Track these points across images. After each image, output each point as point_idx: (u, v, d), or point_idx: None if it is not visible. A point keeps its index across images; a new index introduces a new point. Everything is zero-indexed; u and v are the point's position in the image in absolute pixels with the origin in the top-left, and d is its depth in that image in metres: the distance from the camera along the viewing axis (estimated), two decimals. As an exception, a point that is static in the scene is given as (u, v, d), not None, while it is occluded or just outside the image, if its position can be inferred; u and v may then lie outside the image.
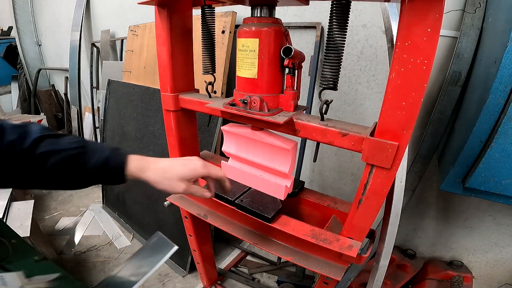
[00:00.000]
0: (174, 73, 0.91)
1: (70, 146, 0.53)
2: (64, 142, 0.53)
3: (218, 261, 1.83)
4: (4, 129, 0.49)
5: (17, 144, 0.49)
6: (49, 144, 0.51)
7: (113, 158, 0.56)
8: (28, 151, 0.49)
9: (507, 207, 1.27)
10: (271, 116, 0.73)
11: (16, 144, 0.49)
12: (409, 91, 0.55)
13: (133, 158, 0.58)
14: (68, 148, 0.52)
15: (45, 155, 0.50)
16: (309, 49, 1.45)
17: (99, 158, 0.54)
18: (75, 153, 0.52)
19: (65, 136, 0.54)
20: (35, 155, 0.50)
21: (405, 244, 1.62)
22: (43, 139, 0.51)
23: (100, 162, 0.54)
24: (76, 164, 0.53)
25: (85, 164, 0.53)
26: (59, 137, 0.53)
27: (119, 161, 0.56)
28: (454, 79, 1.15)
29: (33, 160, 0.50)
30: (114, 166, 0.56)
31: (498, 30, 0.91)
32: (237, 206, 0.89)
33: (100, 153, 0.55)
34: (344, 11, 0.62)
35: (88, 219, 2.26)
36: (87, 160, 0.53)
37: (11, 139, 0.49)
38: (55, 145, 0.52)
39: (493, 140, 0.85)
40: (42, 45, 3.69)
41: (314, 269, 0.82)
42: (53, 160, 0.51)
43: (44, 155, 0.50)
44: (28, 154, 0.49)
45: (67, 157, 0.52)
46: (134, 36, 2.04)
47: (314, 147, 1.03)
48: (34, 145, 0.50)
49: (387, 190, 0.66)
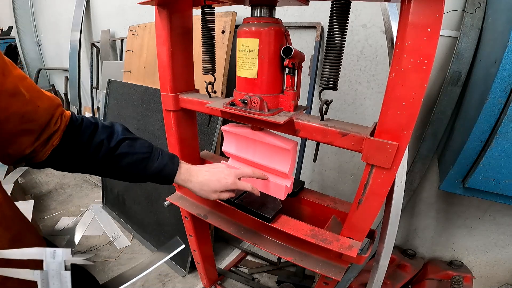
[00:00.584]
0: (174, 73, 0.91)
1: (141, 150, 0.65)
2: (138, 145, 0.65)
3: (218, 261, 1.83)
4: (98, 127, 0.62)
5: (105, 142, 0.61)
6: (127, 146, 0.63)
7: (169, 166, 0.68)
8: (112, 150, 0.61)
9: (507, 207, 1.27)
10: (271, 116, 0.73)
11: (105, 142, 0.61)
12: (409, 91, 0.55)
13: (182, 168, 0.71)
14: (139, 152, 0.65)
15: (122, 155, 0.63)
16: (309, 49, 1.45)
17: (159, 164, 0.67)
18: (143, 157, 0.65)
19: (139, 140, 0.67)
20: (116, 154, 0.62)
21: (405, 244, 1.62)
22: (124, 141, 0.63)
23: (160, 167, 0.67)
24: (142, 166, 0.65)
25: (148, 167, 0.66)
26: (135, 140, 0.66)
27: (173, 169, 0.69)
28: (454, 79, 1.15)
29: (113, 157, 0.62)
30: (168, 172, 0.68)
31: (498, 30, 0.91)
32: (237, 206, 0.89)
33: (160, 160, 0.67)
34: (344, 11, 0.62)
35: (88, 219, 2.26)
36: (151, 164, 0.66)
37: (102, 138, 0.61)
38: (131, 147, 0.64)
39: (493, 140, 0.85)
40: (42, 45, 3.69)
41: (314, 269, 0.82)
42: (127, 159, 0.63)
43: (122, 155, 0.63)
44: (112, 152, 0.62)
45: (137, 159, 0.64)
46: (134, 36, 2.04)
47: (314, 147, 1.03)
48: (117, 145, 0.62)
49: (387, 190, 0.66)
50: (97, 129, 0.61)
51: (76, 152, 0.59)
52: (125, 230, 2.13)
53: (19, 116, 0.49)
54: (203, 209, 1.06)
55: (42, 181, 2.84)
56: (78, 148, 0.59)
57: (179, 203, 1.10)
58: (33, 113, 0.51)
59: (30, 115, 0.50)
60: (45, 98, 0.54)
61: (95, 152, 0.60)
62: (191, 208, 1.07)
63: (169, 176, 0.68)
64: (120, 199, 2.16)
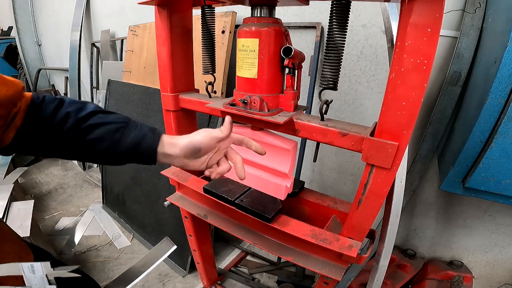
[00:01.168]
0: (174, 73, 0.91)
1: (115, 121, 0.57)
2: (112, 116, 0.58)
3: (218, 261, 1.83)
4: (63, 102, 0.56)
5: (72, 114, 0.54)
6: (99, 118, 0.56)
7: (149, 137, 0.58)
8: (80, 120, 0.55)
9: (507, 207, 1.27)
10: (271, 116, 0.73)
11: (72, 114, 0.54)
12: (409, 91, 0.55)
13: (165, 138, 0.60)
14: (113, 122, 0.57)
15: (93, 126, 0.55)
16: (309, 49, 1.45)
17: (137, 134, 0.57)
18: (117, 127, 0.57)
19: (114, 113, 0.60)
20: (85, 125, 0.55)
21: (405, 244, 1.62)
22: (96, 113, 0.56)
23: (138, 138, 0.57)
24: (116, 137, 0.56)
25: (124, 138, 0.57)
26: (110, 113, 0.59)
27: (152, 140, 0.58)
28: (454, 79, 1.15)
29: (82, 129, 0.55)
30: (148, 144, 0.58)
31: (498, 30, 0.91)
32: (237, 206, 0.89)
33: (139, 130, 0.58)
34: (344, 11, 0.62)
35: (88, 219, 2.26)
36: (126, 134, 0.57)
37: (69, 110, 0.55)
38: (103, 118, 0.57)
39: (493, 140, 0.85)
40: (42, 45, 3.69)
41: (314, 269, 0.82)
42: (98, 131, 0.55)
43: (92, 126, 0.55)
44: (80, 123, 0.55)
45: (110, 129, 0.56)
46: (134, 36, 2.04)
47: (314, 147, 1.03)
48: (87, 117, 0.55)
49: (387, 190, 0.66)
50: (63, 103, 0.56)
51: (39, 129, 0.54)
52: (125, 230, 2.13)
53: None
54: (203, 209, 1.06)
55: (42, 181, 2.84)
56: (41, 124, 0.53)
57: (179, 203, 1.10)
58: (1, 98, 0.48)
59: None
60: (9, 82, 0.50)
61: (59, 125, 0.54)
62: (191, 208, 1.07)
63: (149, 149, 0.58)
64: (120, 199, 2.16)
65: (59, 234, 2.11)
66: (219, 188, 0.94)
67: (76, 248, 1.98)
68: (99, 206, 2.40)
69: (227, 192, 0.92)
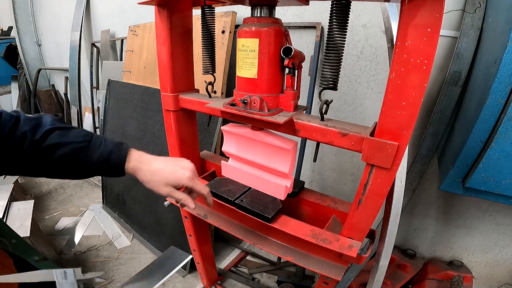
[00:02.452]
0: (174, 73, 0.91)
1: (76, 140, 0.56)
2: (72, 135, 0.56)
3: (218, 261, 1.83)
4: (19, 120, 0.53)
5: (29, 134, 0.53)
6: (58, 136, 0.55)
7: (115, 154, 0.59)
8: (38, 142, 0.53)
9: (507, 207, 1.27)
10: (271, 116, 0.73)
11: (29, 135, 0.52)
12: (409, 91, 0.55)
13: (132, 155, 0.62)
14: (74, 142, 0.55)
15: (53, 147, 0.54)
16: (309, 49, 1.45)
17: (103, 153, 0.58)
18: (80, 147, 0.56)
19: (73, 129, 0.58)
20: (44, 146, 0.53)
21: (405, 244, 1.62)
22: (53, 131, 0.55)
23: (103, 156, 0.58)
24: (81, 157, 0.56)
25: (89, 157, 0.57)
26: (68, 129, 0.57)
27: (120, 158, 0.60)
28: (454, 79, 1.15)
29: (41, 150, 0.53)
30: (115, 161, 0.59)
31: (498, 30, 0.91)
32: (237, 206, 0.89)
33: (103, 148, 0.58)
34: (344, 11, 0.62)
35: (88, 219, 2.26)
36: (91, 153, 0.57)
37: (25, 129, 0.53)
38: (63, 137, 0.55)
39: (493, 140, 0.85)
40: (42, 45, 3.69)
41: (314, 269, 0.82)
42: (60, 151, 0.54)
43: (52, 147, 0.54)
44: (38, 144, 0.53)
45: (73, 149, 0.55)
46: (134, 36, 2.04)
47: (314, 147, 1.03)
48: (44, 136, 0.54)
49: (387, 190, 0.66)
50: (19, 121, 0.53)
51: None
52: (125, 230, 2.13)
53: None
54: (203, 209, 1.06)
55: (42, 181, 2.84)
56: None
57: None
58: None
59: None
60: None
61: (18, 146, 0.52)
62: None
63: (117, 164, 0.59)
64: (120, 199, 2.16)
65: (59, 234, 2.10)
66: (219, 188, 0.94)
67: (76, 248, 1.97)
68: (99, 206, 2.40)
69: (227, 192, 0.92)
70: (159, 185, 0.62)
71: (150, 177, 0.62)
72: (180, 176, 0.63)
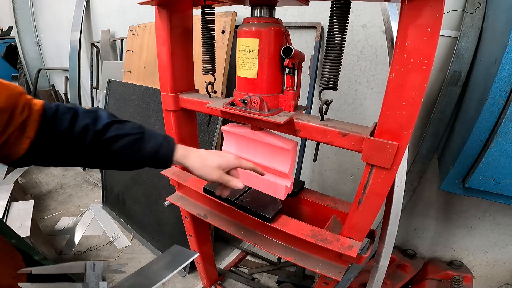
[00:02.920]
0: (174, 73, 0.91)
1: (132, 132, 0.59)
2: (128, 127, 0.60)
3: (218, 261, 1.83)
4: (78, 113, 0.55)
5: (90, 126, 0.55)
6: (116, 129, 0.58)
7: (165, 145, 0.63)
8: (99, 133, 0.55)
9: (507, 207, 1.27)
10: (271, 116, 0.73)
11: (90, 127, 0.55)
12: (409, 91, 0.55)
13: (179, 146, 0.66)
14: (131, 133, 0.59)
15: (112, 139, 0.57)
16: (309, 49, 1.45)
17: (154, 144, 0.61)
18: (136, 138, 0.59)
19: (128, 122, 0.61)
20: (105, 138, 0.56)
21: (405, 244, 1.62)
22: (112, 124, 0.58)
23: (155, 147, 0.61)
24: (135, 148, 0.59)
25: (142, 148, 0.60)
26: (124, 122, 0.61)
27: (169, 148, 0.64)
28: (454, 79, 1.15)
29: (102, 142, 0.56)
30: (165, 151, 0.63)
31: (498, 30, 0.91)
32: (237, 206, 0.89)
33: (155, 139, 0.62)
34: (344, 11, 0.62)
35: (88, 219, 2.26)
36: (144, 145, 0.60)
37: (86, 122, 0.54)
38: (121, 130, 0.58)
39: (493, 140, 0.85)
40: (42, 45, 3.69)
41: (314, 269, 0.82)
42: (118, 143, 0.57)
43: (112, 139, 0.57)
44: (99, 136, 0.55)
45: (129, 141, 0.58)
46: (134, 36, 2.04)
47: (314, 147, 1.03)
48: (105, 128, 0.56)
49: (387, 190, 0.66)
50: (78, 114, 0.55)
51: (57, 141, 0.53)
52: (125, 230, 2.13)
53: None
54: (203, 209, 1.06)
55: (42, 181, 2.84)
56: (59, 137, 0.53)
57: (179, 203, 1.10)
58: None
59: None
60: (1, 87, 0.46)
61: (80, 139, 0.54)
62: (191, 208, 1.07)
63: (166, 156, 0.63)
64: (120, 199, 2.16)
65: (59, 234, 2.10)
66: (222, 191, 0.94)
67: (76, 248, 1.97)
68: (99, 206, 2.40)
69: (227, 192, 0.92)
70: (211, 169, 0.65)
71: (201, 162, 0.65)
72: (228, 157, 0.68)
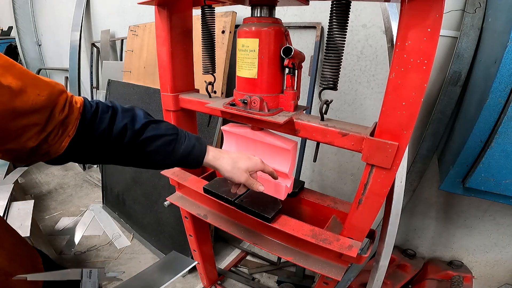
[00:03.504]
0: (174, 73, 0.91)
1: (167, 132, 0.60)
2: (163, 127, 0.61)
3: (218, 261, 1.83)
4: (117, 111, 0.56)
5: (129, 126, 0.56)
6: (153, 129, 0.59)
7: (198, 147, 0.64)
8: (138, 133, 0.57)
9: (507, 207, 1.27)
10: (271, 116, 0.73)
11: (129, 126, 0.56)
12: (409, 91, 0.55)
13: (210, 148, 0.67)
14: (166, 134, 0.60)
15: (149, 139, 0.58)
16: (309, 49, 1.45)
17: (188, 145, 0.63)
18: (171, 139, 0.60)
19: (163, 122, 0.62)
20: (142, 138, 0.57)
21: (405, 244, 1.62)
22: (149, 124, 0.58)
23: (188, 149, 0.63)
24: (170, 149, 0.60)
25: (176, 149, 0.61)
26: (159, 122, 0.61)
27: (201, 150, 0.65)
28: (454, 79, 1.15)
29: (140, 142, 0.57)
30: (197, 153, 0.64)
31: (498, 30, 0.91)
32: (237, 206, 0.89)
33: (188, 140, 0.63)
34: (344, 11, 0.62)
35: (88, 219, 2.26)
36: (178, 145, 0.61)
37: (126, 121, 0.55)
38: (157, 130, 0.59)
39: (493, 140, 0.85)
40: (42, 45, 3.69)
41: (314, 269, 0.82)
42: (155, 143, 0.58)
43: (149, 139, 0.58)
44: (137, 136, 0.57)
45: (165, 142, 0.60)
46: (134, 36, 2.04)
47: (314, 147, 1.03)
48: (142, 128, 0.57)
49: (387, 190, 0.66)
50: (117, 113, 0.56)
51: (97, 140, 0.54)
52: (125, 230, 2.13)
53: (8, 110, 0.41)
54: (203, 209, 1.06)
55: (42, 181, 2.84)
56: (98, 135, 0.53)
57: (179, 203, 1.10)
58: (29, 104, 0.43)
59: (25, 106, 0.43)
60: (42, 85, 0.46)
61: (119, 138, 0.55)
62: (191, 208, 1.07)
63: (198, 157, 0.65)
64: (120, 199, 2.16)
65: (59, 234, 2.10)
66: (219, 188, 0.94)
67: (76, 248, 1.97)
68: (99, 206, 2.40)
69: (227, 192, 0.92)
70: (241, 172, 0.67)
71: (232, 165, 0.67)
72: (256, 160, 0.70)
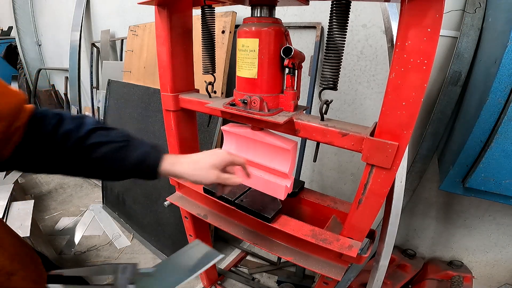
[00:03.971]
0: (174, 73, 0.91)
1: (116, 139, 0.57)
2: (113, 134, 0.57)
3: (218, 261, 1.83)
4: (63, 119, 0.54)
5: (73, 132, 0.53)
6: (100, 135, 0.56)
7: (153, 154, 0.60)
8: (82, 139, 0.54)
9: (507, 207, 1.27)
10: (271, 116, 0.73)
11: (73, 133, 0.53)
12: (409, 91, 0.55)
13: (168, 155, 0.62)
14: (115, 141, 0.56)
15: (95, 145, 0.55)
16: (309, 49, 1.45)
17: (140, 152, 0.58)
18: (120, 146, 0.56)
19: (114, 129, 0.59)
20: (87, 144, 0.54)
21: (405, 244, 1.62)
22: (96, 130, 0.56)
23: (141, 156, 0.58)
24: (120, 156, 0.57)
25: (128, 157, 0.57)
26: (109, 129, 0.58)
27: (157, 157, 0.60)
28: (454, 79, 1.15)
29: (84, 148, 0.54)
30: (152, 161, 0.59)
31: (498, 30, 0.91)
32: (237, 206, 0.89)
33: (141, 148, 0.59)
34: (344, 11, 0.62)
35: (88, 219, 2.26)
36: (130, 153, 0.57)
37: (69, 127, 0.53)
38: (104, 136, 0.56)
39: (493, 140, 0.85)
40: (42, 45, 3.69)
41: (314, 269, 0.83)
42: (101, 150, 0.55)
43: (94, 145, 0.54)
44: (81, 142, 0.54)
45: (113, 148, 0.56)
46: (134, 36, 2.04)
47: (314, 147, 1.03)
48: (87, 134, 0.54)
49: (387, 190, 0.66)
50: (63, 120, 0.54)
51: (40, 146, 0.52)
52: (125, 230, 2.13)
53: None
54: (203, 209, 1.06)
55: (42, 181, 2.84)
56: (42, 141, 0.52)
57: (179, 203, 1.10)
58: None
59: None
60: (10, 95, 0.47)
61: (61, 143, 0.53)
62: (191, 208, 1.07)
63: (153, 165, 0.59)
64: (120, 199, 2.16)
65: (59, 234, 2.10)
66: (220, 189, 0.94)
67: (76, 248, 1.97)
68: (99, 206, 2.40)
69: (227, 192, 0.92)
70: (206, 171, 0.62)
71: (194, 166, 0.62)
72: (220, 153, 0.65)
